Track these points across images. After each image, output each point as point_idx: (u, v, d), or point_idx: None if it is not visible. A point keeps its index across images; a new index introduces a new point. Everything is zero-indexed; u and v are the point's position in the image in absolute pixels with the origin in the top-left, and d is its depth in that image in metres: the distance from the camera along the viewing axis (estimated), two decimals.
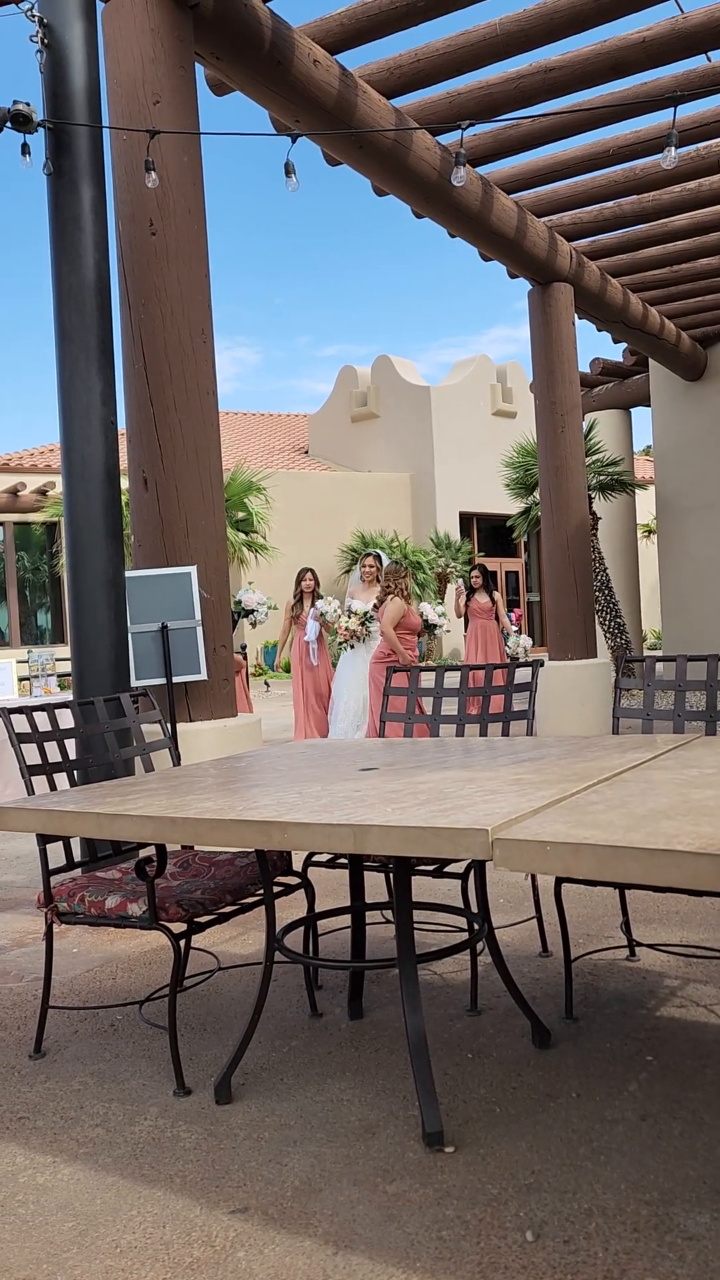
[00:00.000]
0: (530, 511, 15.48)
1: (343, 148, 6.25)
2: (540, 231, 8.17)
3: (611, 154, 7.25)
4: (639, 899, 3.98)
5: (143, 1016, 3.11)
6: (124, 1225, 2.00)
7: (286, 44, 5.34)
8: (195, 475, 4.73)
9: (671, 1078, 2.49)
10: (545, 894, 4.05)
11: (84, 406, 4.44)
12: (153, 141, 4.49)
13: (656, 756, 2.70)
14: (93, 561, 4.50)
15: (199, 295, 4.76)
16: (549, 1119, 2.32)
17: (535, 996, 3.07)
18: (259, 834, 2.14)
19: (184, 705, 4.77)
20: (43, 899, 2.85)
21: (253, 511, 18.10)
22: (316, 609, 9.16)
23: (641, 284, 9.97)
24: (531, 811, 2.03)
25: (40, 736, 3.14)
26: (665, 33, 5.80)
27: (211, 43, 5.04)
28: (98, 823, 2.41)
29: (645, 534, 23.98)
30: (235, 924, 3.96)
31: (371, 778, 2.60)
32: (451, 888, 4.30)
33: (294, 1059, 2.73)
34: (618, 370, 14.01)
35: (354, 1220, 1.96)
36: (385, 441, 25.18)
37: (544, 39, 5.67)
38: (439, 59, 5.94)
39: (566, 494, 8.93)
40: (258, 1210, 2.02)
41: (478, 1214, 1.95)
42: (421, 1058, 2.29)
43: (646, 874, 1.68)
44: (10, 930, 4.10)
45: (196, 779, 2.84)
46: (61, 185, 4.41)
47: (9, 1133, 2.42)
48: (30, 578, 22.05)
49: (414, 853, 1.96)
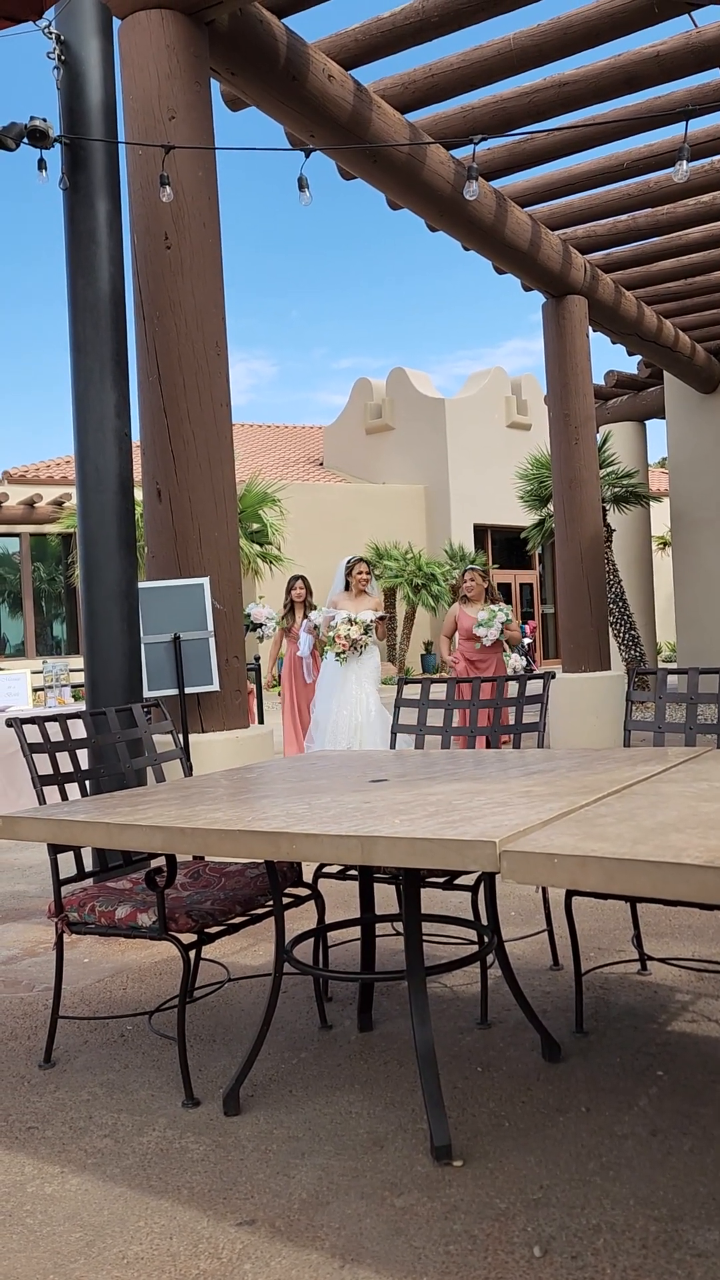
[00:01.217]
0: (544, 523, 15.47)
1: (357, 162, 6.29)
2: (554, 244, 8.19)
3: (625, 167, 7.27)
4: (651, 912, 3.96)
5: (152, 1027, 3.11)
6: (131, 1236, 1.99)
7: (301, 59, 5.38)
8: (209, 487, 4.75)
9: (682, 1093, 2.47)
10: (556, 907, 4.04)
11: (98, 418, 4.47)
12: (168, 156, 4.53)
13: (667, 769, 2.69)
14: (106, 572, 4.53)
15: (213, 308, 4.79)
16: (558, 1133, 2.30)
17: (545, 1010, 3.05)
18: (268, 845, 2.15)
19: (196, 716, 4.78)
20: (53, 909, 2.86)
21: (267, 523, 18.15)
22: (310, 620, 8.48)
23: (656, 296, 9.97)
24: (540, 824, 2.03)
25: (53, 747, 3.16)
26: (679, 47, 5.82)
27: (227, 59, 5.08)
28: (108, 833, 2.42)
29: (660, 546, 23.93)
30: (245, 935, 3.96)
31: (381, 789, 2.60)
32: (462, 900, 4.29)
33: (303, 1071, 2.72)
34: (632, 383, 14.01)
35: (361, 1234, 1.95)
36: (400, 453, 25.23)
37: (557, 53, 5.70)
38: (453, 74, 5.98)
39: (580, 506, 8.93)
40: (265, 1223, 2.01)
41: (485, 1229, 1.94)
42: (430, 1071, 2.29)
43: (654, 887, 1.67)
44: (22, 940, 4.11)
45: (207, 789, 2.85)
46: (77, 200, 4.45)
47: (18, 1143, 2.42)
48: (46, 588, 22.17)
49: (422, 864, 1.96)
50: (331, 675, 7.81)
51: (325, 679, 7.88)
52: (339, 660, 7.72)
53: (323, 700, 7.86)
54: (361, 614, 7.69)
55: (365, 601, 7.86)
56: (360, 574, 7.91)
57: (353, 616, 7.65)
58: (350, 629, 7.65)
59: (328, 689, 7.80)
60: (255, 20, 5.08)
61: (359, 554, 8.28)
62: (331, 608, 7.88)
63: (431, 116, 6.57)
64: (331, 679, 7.80)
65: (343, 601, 7.89)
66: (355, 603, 7.86)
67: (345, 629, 7.65)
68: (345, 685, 7.69)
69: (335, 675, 7.77)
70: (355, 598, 7.90)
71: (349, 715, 7.61)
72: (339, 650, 7.69)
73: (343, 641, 7.66)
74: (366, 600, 7.89)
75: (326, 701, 7.79)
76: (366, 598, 7.91)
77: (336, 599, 7.93)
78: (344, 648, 7.68)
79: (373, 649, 7.79)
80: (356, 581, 7.90)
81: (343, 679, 7.73)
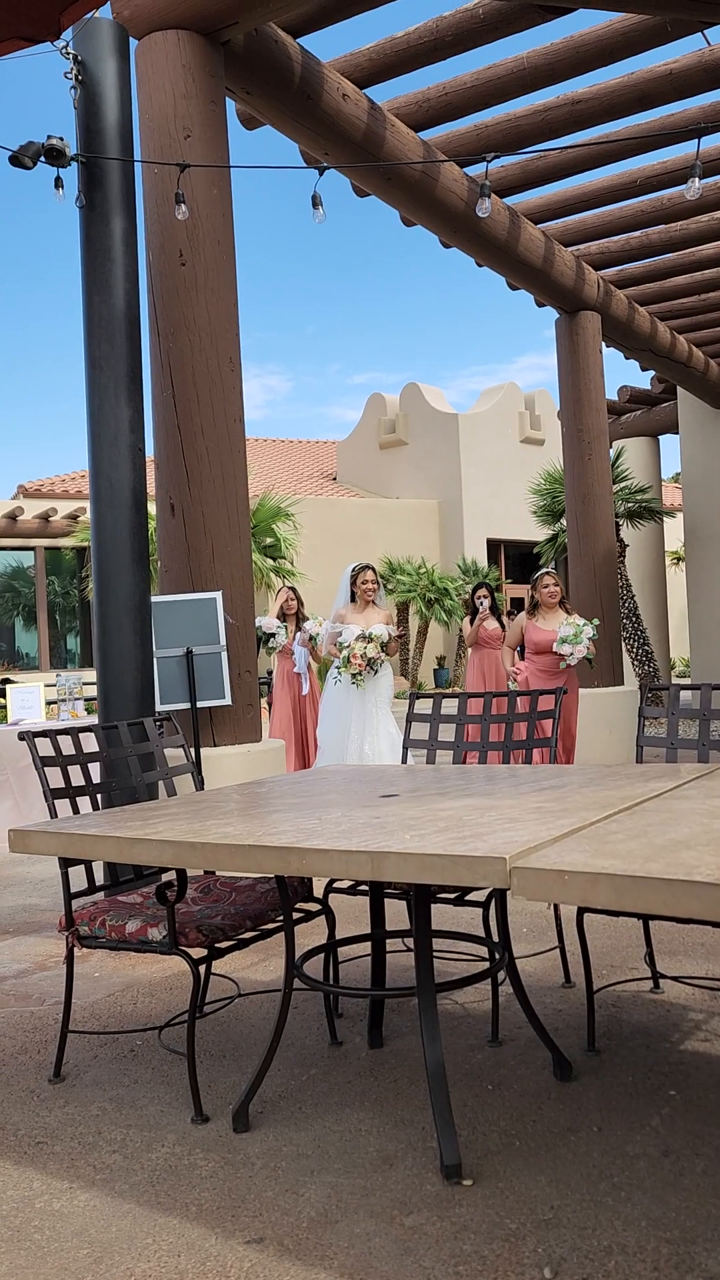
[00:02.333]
0: (557, 538, 15.47)
1: (371, 179, 6.32)
2: (567, 261, 8.21)
3: (638, 184, 7.30)
4: (663, 930, 3.94)
5: (162, 1042, 3.10)
6: (139, 1253, 1.99)
7: (316, 79, 5.42)
8: (222, 502, 4.77)
9: (695, 1113, 2.45)
10: (568, 924, 4.01)
11: (113, 433, 4.50)
12: (183, 174, 4.57)
13: (679, 786, 2.67)
14: (119, 586, 4.54)
15: (227, 324, 4.82)
16: (569, 1153, 2.29)
17: (557, 1028, 3.03)
18: (278, 860, 2.14)
19: (208, 730, 4.79)
20: (64, 922, 2.86)
21: (281, 537, 18.19)
22: (304, 633, 7.74)
23: (669, 312, 9.98)
24: (551, 840, 2.02)
25: (65, 760, 3.16)
26: (692, 65, 5.85)
27: (242, 78, 5.12)
28: (118, 847, 2.42)
29: (674, 561, 23.88)
30: (256, 950, 3.95)
31: (392, 804, 2.60)
32: (473, 916, 4.27)
33: (313, 1087, 2.71)
34: (646, 398, 14.02)
35: (370, 1253, 1.94)
36: (413, 468, 25.27)
37: (570, 72, 5.74)
38: (467, 92, 6.01)
39: (593, 521, 8.92)
40: (273, 1241, 2.00)
41: (495, 1249, 1.93)
42: (440, 1088, 2.27)
43: (665, 905, 1.66)
44: (33, 953, 4.11)
45: (218, 804, 2.85)
46: (93, 218, 4.49)
47: (26, 1157, 2.42)
48: (60, 602, 22.26)
49: (431, 880, 1.96)
50: (340, 698, 6.95)
51: (332, 702, 7.03)
52: (356, 683, 6.84)
53: (330, 725, 7.00)
54: (375, 629, 6.88)
55: (375, 614, 7.03)
56: (366, 583, 7.06)
57: (366, 633, 6.82)
58: (366, 647, 6.78)
59: (335, 712, 6.98)
60: (271, 40, 5.12)
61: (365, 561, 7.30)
62: (337, 622, 7.03)
63: (445, 134, 6.61)
64: (341, 702, 6.94)
65: (350, 615, 7.03)
66: (364, 616, 7.00)
67: (361, 647, 6.75)
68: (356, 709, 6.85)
69: (344, 698, 6.92)
70: (363, 610, 7.04)
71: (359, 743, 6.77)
72: (355, 672, 6.79)
73: (359, 662, 6.76)
74: (376, 613, 7.05)
75: (334, 726, 6.94)
76: (376, 610, 7.08)
77: (343, 612, 7.08)
78: (360, 668, 6.77)
79: (385, 667, 7.00)
80: (363, 592, 7.04)
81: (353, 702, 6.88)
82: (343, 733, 6.85)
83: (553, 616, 6.93)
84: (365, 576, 7.06)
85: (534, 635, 6.87)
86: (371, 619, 6.97)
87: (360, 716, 6.82)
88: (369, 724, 6.82)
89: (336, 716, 6.93)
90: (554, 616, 6.93)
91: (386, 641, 6.89)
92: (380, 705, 6.88)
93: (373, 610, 7.05)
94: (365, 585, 7.04)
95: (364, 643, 6.79)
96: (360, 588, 7.05)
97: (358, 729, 6.81)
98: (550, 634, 6.79)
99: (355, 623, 6.94)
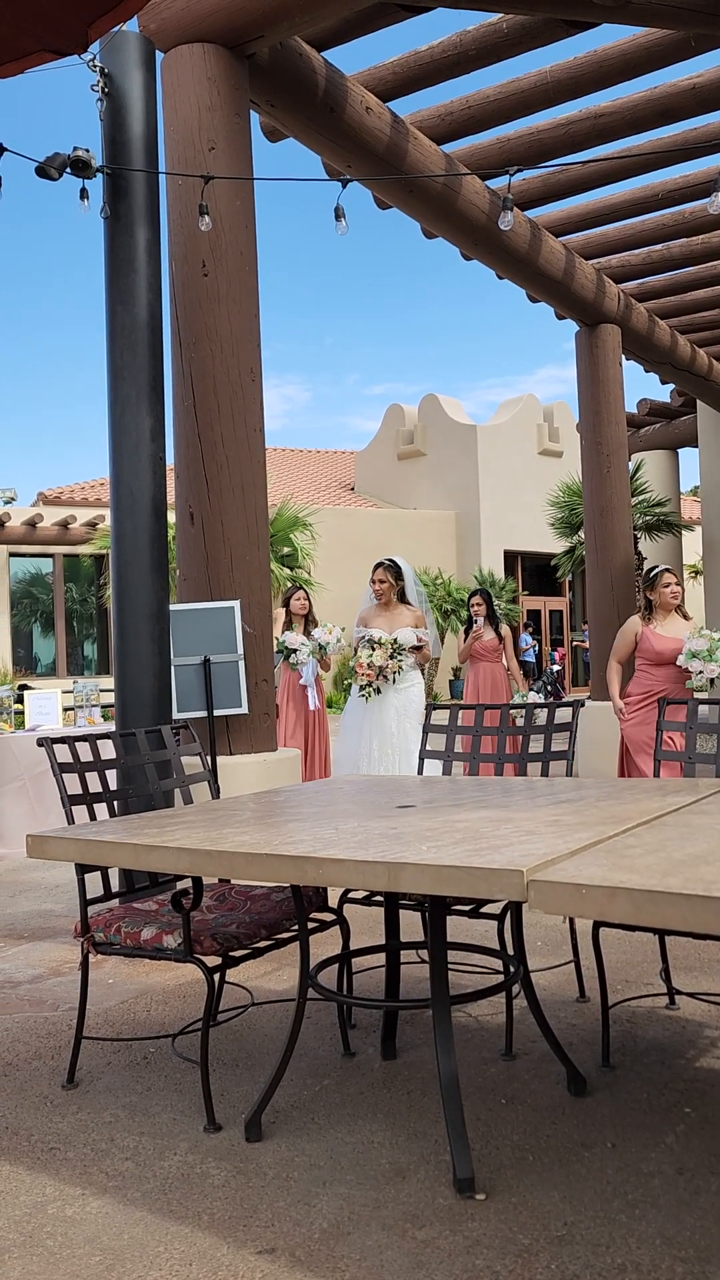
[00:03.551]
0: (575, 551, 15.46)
1: (393, 192, 6.35)
2: (588, 274, 8.22)
3: (660, 198, 7.30)
4: (680, 946, 3.91)
5: (175, 1050, 3.10)
6: (151, 1262, 1.98)
7: (340, 92, 5.46)
8: (241, 511, 4.79)
9: (710, 1131, 2.43)
10: (584, 938, 4.00)
11: (133, 442, 4.52)
12: (207, 186, 4.60)
13: (697, 800, 2.66)
14: (138, 594, 4.56)
15: (249, 335, 4.85)
16: (583, 1169, 2.27)
17: (571, 1043, 3.02)
18: (293, 869, 2.14)
19: (224, 738, 4.80)
20: (79, 928, 2.87)
21: (298, 547, 18.24)
22: (314, 640, 6.97)
23: (690, 325, 9.97)
24: (568, 853, 2.01)
25: (82, 767, 3.18)
26: (714, 79, 5.85)
27: (267, 91, 5.16)
28: (134, 853, 2.42)
29: (692, 575, 23.79)
30: (270, 959, 3.94)
31: (409, 815, 2.59)
32: (488, 928, 4.26)
33: (325, 1098, 2.71)
34: (665, 411, 13.99)
35: (381, 1266, 1.93)
36: (431, 479, 25.30)
37: (594, 86, 5.75)
38: (490, 105, 6.04)
39: (611, 534, 8.91)
40: (285, 1251, 2.00)
41: (508, 1265, 1.92)
42: (454, 1101, 2.26)
43: (683, 920, 1.65)
44: (48, 959, 4.12)
45: (234, 812, 2.85)
46: (118, 228, 4.52)
47: (39, 1163, 2.42)
48: (78, 609, 22.37)
49: (448, 892, 1.95)
50: (358, 713, 6.17)
51: (349, 717, 6.29)
52: (363, 696, 6.07)
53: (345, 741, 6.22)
54: (399, 633, 6.08)
55: (403, 617, 6.20)
56: (374, 581, 6.29)
57: (378, 637, 6.06)
58: (372, 654, 5.97)
59: (351, 728, 6.21)
60: (295, 54, 5.16)
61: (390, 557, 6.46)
62: (360, 626, 6.31)
63: (468, 147, 6.64)
64: (359, 718, 6.15)
65: (373, 618, 6.27)
66: (388, 618, 6.20)
67: (366, 654, 6.00)
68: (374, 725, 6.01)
69: (361, 713, 6.14)
70: (387, 612, 6.23)
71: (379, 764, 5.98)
72: (363, 684, 6.02)
73: (365, 671, 5.96)
74: (405, 615, 6.21)
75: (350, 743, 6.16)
76: (404, 612, 6.23)
77: (365, 614, 6.36)
78: (369, 678, 5.97)
79: (412, 676, 6.10)
80: (374, 591, 6.30)
81: (371, 717, 6.05)
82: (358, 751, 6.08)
83: (672, 622, 5.89)
84: (374, 574, 6.31)
85: (655, 644, 5.81)
86: (397, 622, 6.17)
87: (379, 734, 6.00)
88: (389, 743, 5.97)
89: (354, 732, 6.18)
90: (674, 622, 5.90)
91: (405, 648, 6.05)
92: (407, 722, 5.97)
93: (400, 612, 6.23)
94: (375, 585, 6.29)
95: (369, 648, 6.03)
96: (373, 587, 6.32)
97: (378, 747, 5.98)
98: (675, 642, 5.77)
99: (379, 626, 6.19)
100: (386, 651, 5.99)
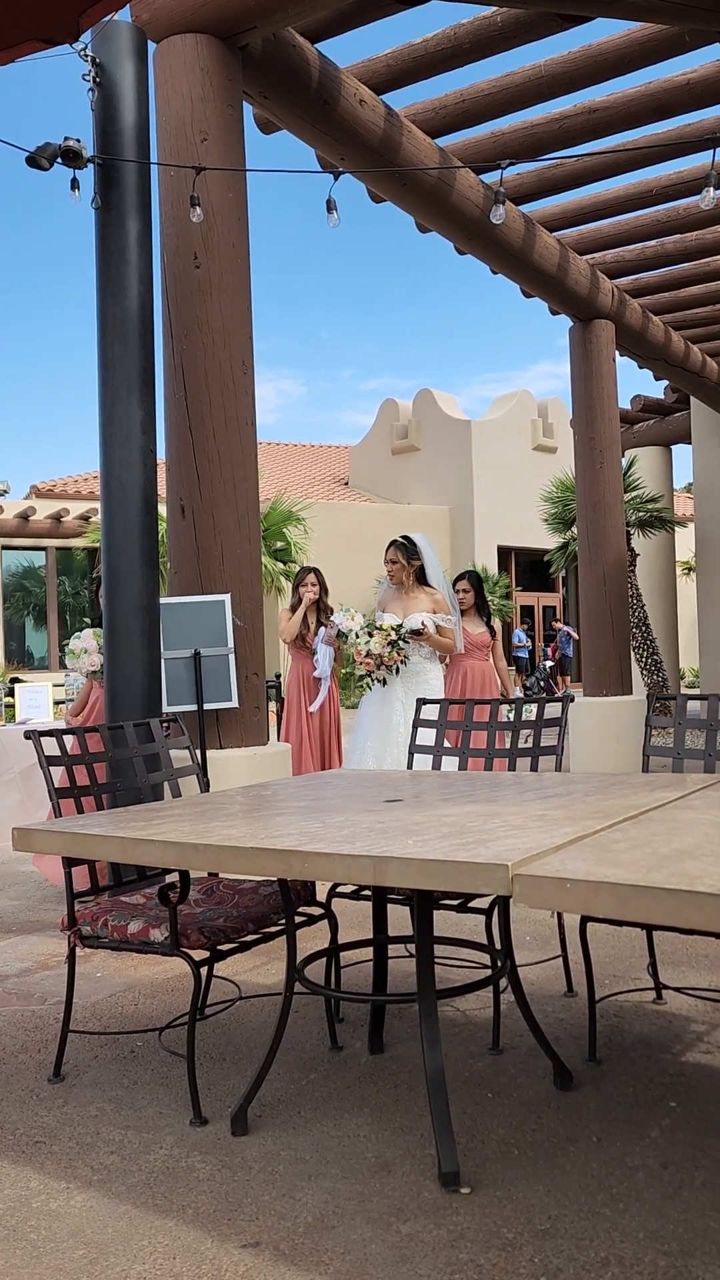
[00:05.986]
0: (568, 546, 15.46)
1: (387, 185, 6.33)
2: (582, 269, 8.21)
3: (655, 193, 7.29)
4: (667, 940, 3.92)
5: (162, 1044, 3.10)
6: (134, 1255, 1.98)
7: (334, 84, 5.43)
8: (232, 504, 4.77)
9: (695, 1125, 2.44)
10: (571, 932, 4.00)
11: (125, 435, 4.51)
12: (199, 177, 4.58)
13: (685, 795, 2.66)
14: (128, 587, 4.55)
15: (240, 327, 4.83)
16: (568, 1163, 2.27)
17: (558, 1037, 3.02)
18: (279, 863, 2.14)
19: (214, 732, 4.79)
20: (66, 922, 2.86)
21: (291, 541, 18.22)
22: (330, 628, 6.34)
23: (683, 322, 9.97)
24: (554, 848, 2.01)
25: (70, 760, 3.17)
26: (710, 75, 5.84)
27: (260, 82, 5.14)
28: (121, 847, 2.42)
29: (685, 571, 23.82)
30: (258, 953, 3.94)
31: (396, 809, 2.59)
32: (476, 923, 4.26)
33: (312, 1092, 2.70)
34: (659, 407, 13.99)
35: (366, 1260, 1.93)
36: (425, 474, 25.28)
37: (588, 80, 5.73)
38: (484, 99, 6.02)
39: (604, 530, 8.91)
40: (269, 1245, 2.00)
41: (492, 1259, 1.92)
42: (440, 1095, 2.27)
43: (668, 915, 1.65)
44: (35, 953, 4.11)
45: (222, 806, 2.85)
46: (109, 219, 4.50)
47: (24, 1157, 2.42)
48: (70, 602, 22.32)
49: (433, 886, 1.95)
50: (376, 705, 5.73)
51: (364, 710, 5.85)
52: (364, 686, 5.79)
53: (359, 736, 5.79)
54: (410, 618, 5.65)
55: (417, 602, 5.74)
56: (388, 561, 5.86)
57: (380, 622, 5.67)
58: (370, 642, 5.59)
59: (364, 724, 5.79)
60: (289, 45, 5.14)
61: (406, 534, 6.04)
62: (380, 611, 5.91)
63: (462, 141, 6.62)
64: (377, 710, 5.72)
65: (390, 603, 5.87)
66: (403, 603, 5.78)
67: (364, 642, 5.62)
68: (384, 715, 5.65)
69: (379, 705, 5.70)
70: (403, 596, 5.81)
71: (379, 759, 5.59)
72: (360, 673, 5.71)
73: (363, 660, 5.62)
74: (419, 600, 5.76)
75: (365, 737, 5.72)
76: (420, 596, 5.77)
77: (383, 599, 5.97)
78: (369, 668, 5.63)
79: (425, 665, 5.67)
80: (388, 574, 5.90)
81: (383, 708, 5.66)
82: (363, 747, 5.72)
83: None
84: (387, 555, 5.87)
85: None
86: (412, 607, 5.72)
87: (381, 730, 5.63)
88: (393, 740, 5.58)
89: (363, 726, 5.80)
90: None
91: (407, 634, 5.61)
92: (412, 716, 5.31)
93: (416, 596, 5.77)
94: (389, 566, 5.87)
95: (366, 635, 5.66)
96: (389, 568, 5.88)
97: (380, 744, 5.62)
98: None
99: (394, 611, 5.78)
100: (385, 638, 5.55)
